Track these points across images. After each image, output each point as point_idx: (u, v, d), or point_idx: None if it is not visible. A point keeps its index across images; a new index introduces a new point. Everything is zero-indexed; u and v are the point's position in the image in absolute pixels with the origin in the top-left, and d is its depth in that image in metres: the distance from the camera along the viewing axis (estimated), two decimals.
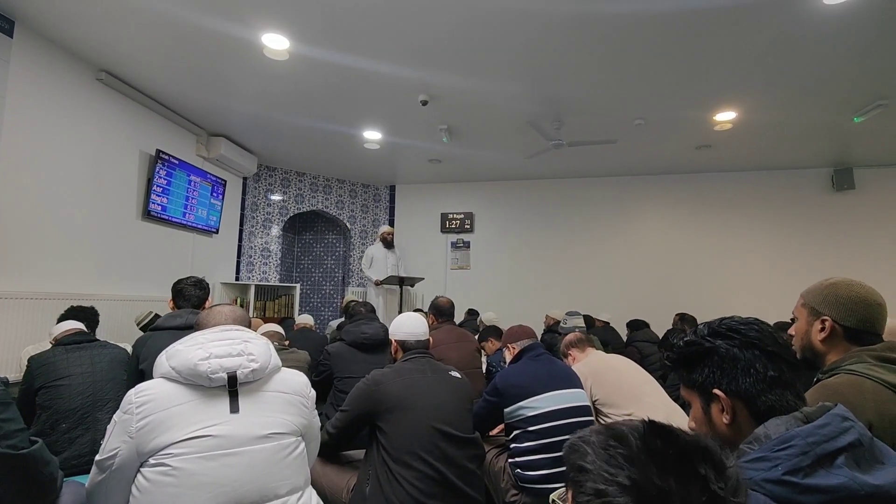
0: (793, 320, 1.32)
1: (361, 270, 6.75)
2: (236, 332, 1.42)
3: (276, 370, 1.44)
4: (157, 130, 4.52)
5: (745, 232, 6.28)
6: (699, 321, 4.81)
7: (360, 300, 4.25)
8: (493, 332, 3.71)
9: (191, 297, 2.35)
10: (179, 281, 2.42)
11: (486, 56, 3.53)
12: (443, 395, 1.72)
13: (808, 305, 1.26)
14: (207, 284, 2.46)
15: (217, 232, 5.37)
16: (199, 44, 3.43)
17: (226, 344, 1.35)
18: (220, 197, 5.35)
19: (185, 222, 4.82)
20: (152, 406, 1.21)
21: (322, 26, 3.20)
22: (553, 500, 1.05)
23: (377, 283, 6.23)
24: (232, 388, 1.30)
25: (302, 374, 1.55)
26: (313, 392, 1.55)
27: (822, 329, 1.21)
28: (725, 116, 4.55)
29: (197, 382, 1.27)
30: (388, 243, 6.46)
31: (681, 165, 6.16)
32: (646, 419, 0.61)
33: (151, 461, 1.17)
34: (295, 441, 1.37)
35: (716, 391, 0.87)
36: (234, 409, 1.30)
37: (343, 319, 3.68)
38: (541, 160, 5.70)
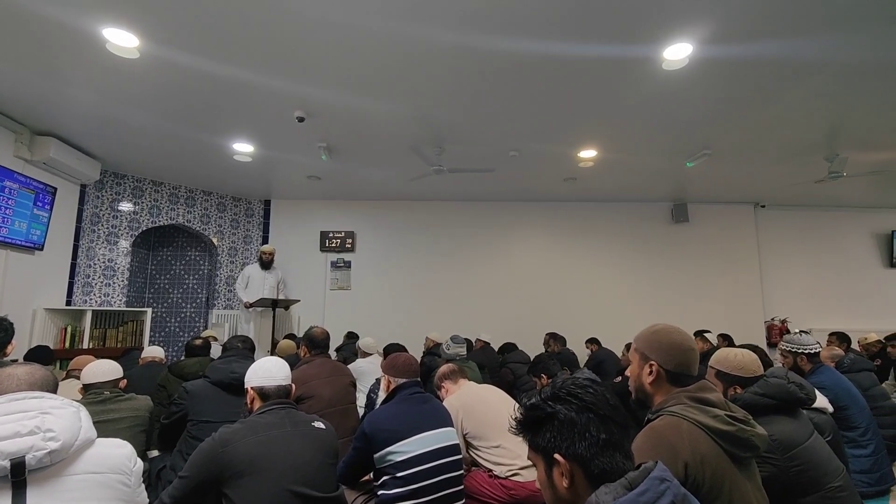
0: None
1: (234, 290, 6.18)
2: (32, 401, 1.15)
3: (87, 445, 1.19)
4: None
5: (603, 256, 6.98)
6: (567, 340, 5.15)
7: (212, 336, 3.74)
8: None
9: None
10: None
11: (367, 77, 3.45)
12: (303, 452, 1.56)
13: (639, 351, 1.39)
14: (10, 325, 2.00)
15: (42, 248, 4.50)
16: (17, 20, 2.81)
17: (13, 420, 1.08)
18: (48, 207, 4.51)
19: None
20: None
21: (180, 30, 2.86)
22: None
23: (247, 307, 5.76)
24: (17, 477, 1.04)
25: (125, 443, 1.31)
26: (139, 464, 1.31)
27: (651, 372, 1.34)
28: (588, 154, 5.03)
29: None
30: (266, 264, 6.03)
31: (551, 194, 6.67)
32: None
33: None
34: None
35: (556, 456, 0.91)
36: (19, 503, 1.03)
37: (183, 359, 3.18)
38: (423, 182, 5.75)
